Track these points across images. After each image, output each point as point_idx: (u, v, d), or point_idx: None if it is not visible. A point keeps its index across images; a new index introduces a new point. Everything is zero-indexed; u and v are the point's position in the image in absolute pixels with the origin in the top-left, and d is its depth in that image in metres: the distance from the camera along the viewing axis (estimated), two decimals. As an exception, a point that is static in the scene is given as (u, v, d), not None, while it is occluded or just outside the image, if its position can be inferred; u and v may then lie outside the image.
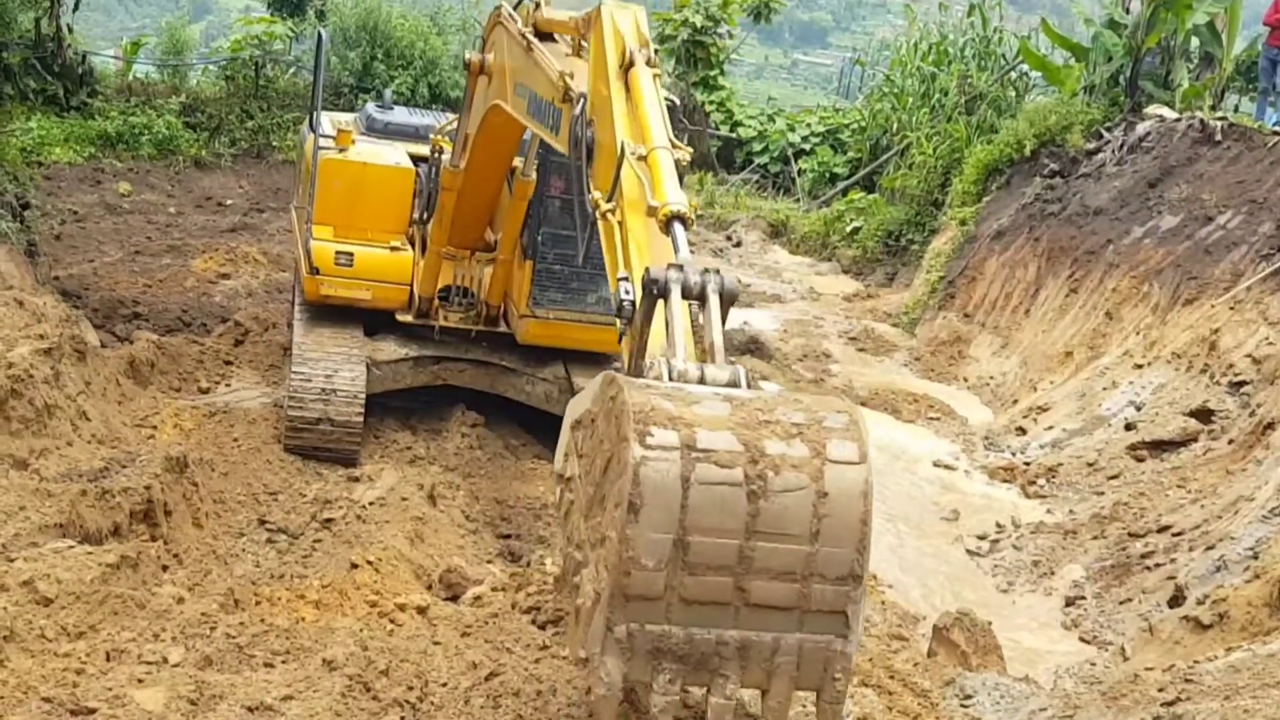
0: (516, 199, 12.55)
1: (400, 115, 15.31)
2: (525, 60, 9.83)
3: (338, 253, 13.05)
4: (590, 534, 5.83)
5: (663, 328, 6.39)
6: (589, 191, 7.97)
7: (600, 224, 7.54)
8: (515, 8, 10.73)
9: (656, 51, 8.14)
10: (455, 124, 13.02)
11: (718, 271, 6.45)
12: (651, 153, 7.25)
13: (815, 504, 5.51)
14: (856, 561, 5.64)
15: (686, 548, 5.44)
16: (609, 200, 7.37)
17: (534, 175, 12.43)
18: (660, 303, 6.38)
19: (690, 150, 7.70)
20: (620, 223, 7.26)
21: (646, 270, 6.42)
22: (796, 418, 5.67)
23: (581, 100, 8.27)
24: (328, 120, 14.64)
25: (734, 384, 6.05)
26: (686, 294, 6.36)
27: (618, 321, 6.88)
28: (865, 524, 5.62)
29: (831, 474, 5.54)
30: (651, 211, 6.97)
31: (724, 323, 6.36)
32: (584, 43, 9.29)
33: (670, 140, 7.37)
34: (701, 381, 6.01)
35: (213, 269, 19.97)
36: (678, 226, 6.86)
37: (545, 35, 10.13)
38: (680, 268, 6.37)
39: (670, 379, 5.99)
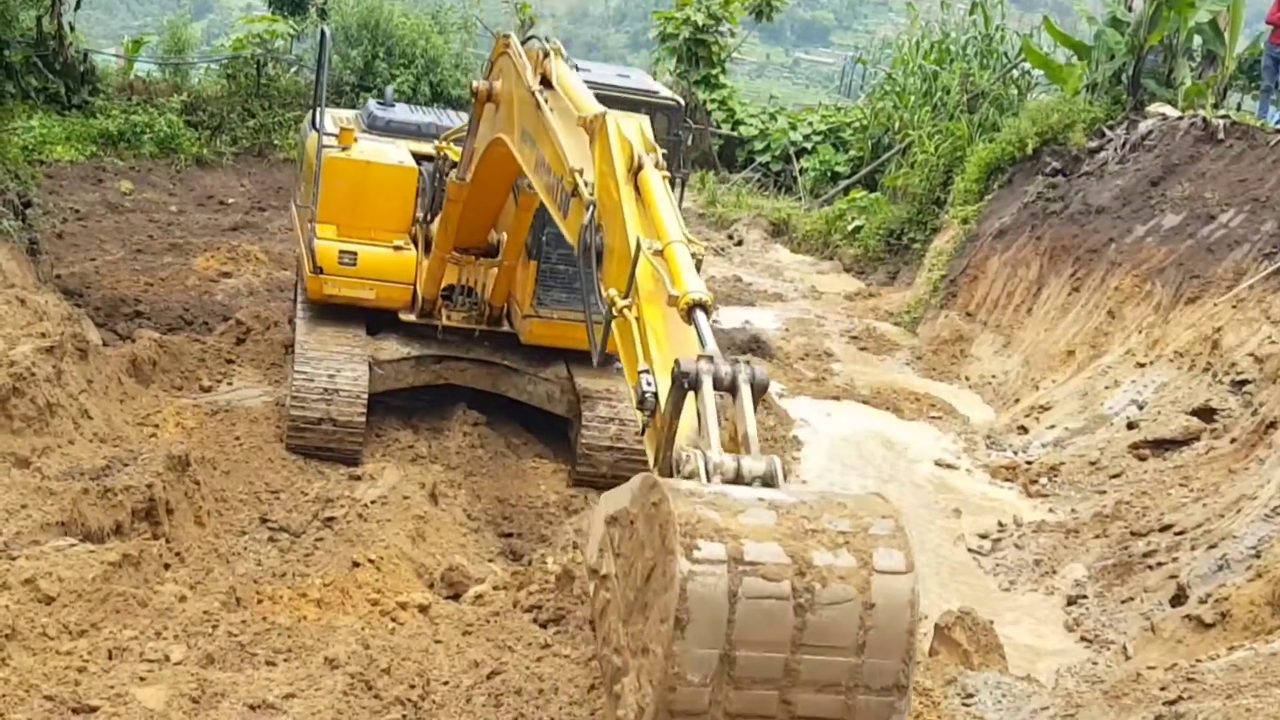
0: (522, 210, 12.50)
1: (402, 113, 15.29)
2: (535, 117, 9.54)
3: (341, 252, 13.02)
4: (631, 641, 5.76)
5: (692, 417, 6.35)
6: (598, 292, 7.87)
7: (616, 322, 7.44)
8: (524, 44, 10.50)
9: (665, 155, 8.09)
10: (459, 133, 12.95)
11: (749, 361, 6.47)
12: (668, 247, 7.15)
13: (862, 615, 5.42)
14: (902, 672, 5.53)
15: (733, 662, 5.34)
16: (625, 298, 7.28)
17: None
18: (690, 394, 6.32)
19: (703, 247, 7.62)
20: (638, 318, 7.18)
21: (677, 363, 6.34)
22: (843, 525, 5.56)
23: (592, 207, 8.09)
24: (329, 118, 14.62)
25: (770, 476, 6.02)
26: (718, 385, 6.31)
27: (639, 415, 6.82)
28: (912, 634, 5.53)
29: (878, 584, 5.45)
30: (672, 301, 6.88)
31: (755, 411, 6.32)
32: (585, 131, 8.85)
33: (685, 235, 7.27)
34: (738, 475, 5.97)
35: (214, 267, 19.96)
36: (700, 315, 6.81)
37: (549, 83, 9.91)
38: (710, 359, 6.36)
39: (707, 473, 5.93)
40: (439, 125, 14.68)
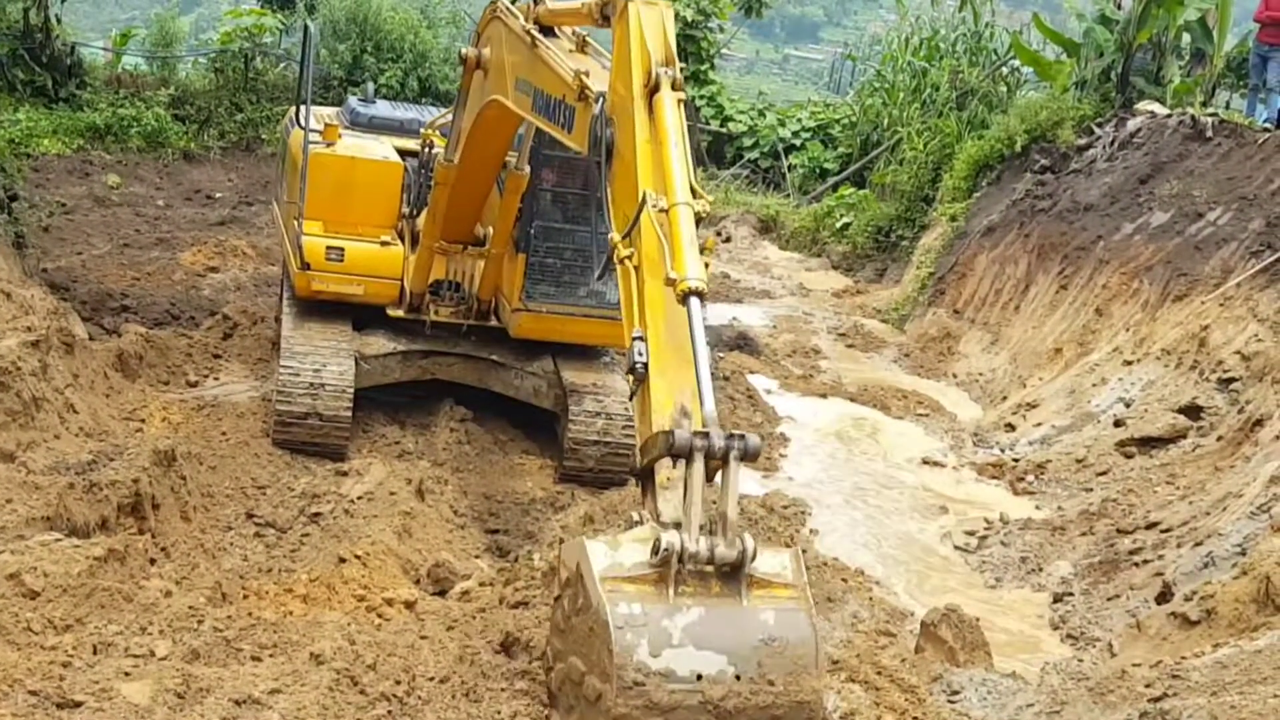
0: (509, 193, 12.51)
1: (384, 109, 15.26)
2: (529, 57, 9.78)
3: (329, 248, 12.98)
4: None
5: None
6: (606, 210, 8.04)
7: (619, 268, 7.62)
8: (513, 3, 10.69)
9: (682, 69, 8.09)
10: (445, 118, 12.98)
11: (743, 436, 6.68)
12: (673, 209, 7.27)
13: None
14: None
15: None
16: (627, 244, 7.45)
17: (527, 169, 12.39)
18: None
19: (710, 200, 7.71)
20: (640, 279, 7.44)
21: (671, 434, 6.69)
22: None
23: (600, 100, 8.25)
24: (311, 115, 14.60)
25: (740, 560, 6.65)
26: (710, 458, 6.63)
27: (629, 378, 7.31)
28: None
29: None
30: (670, 283, 7.09)
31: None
32: (597, 24, 9.16)
33: (693, 187, 7.39)
34: (710, 562, 6.63)
35: (201, 262, 19.93)
36: (694, 303, 6.98)
37: (547, 30, 10.09)
38: (706, 434, 6.61)
39: (681, 562, 6.57)
40: (421, 121, 14.69)
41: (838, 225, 29.26)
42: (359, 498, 11.27)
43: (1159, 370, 16.17)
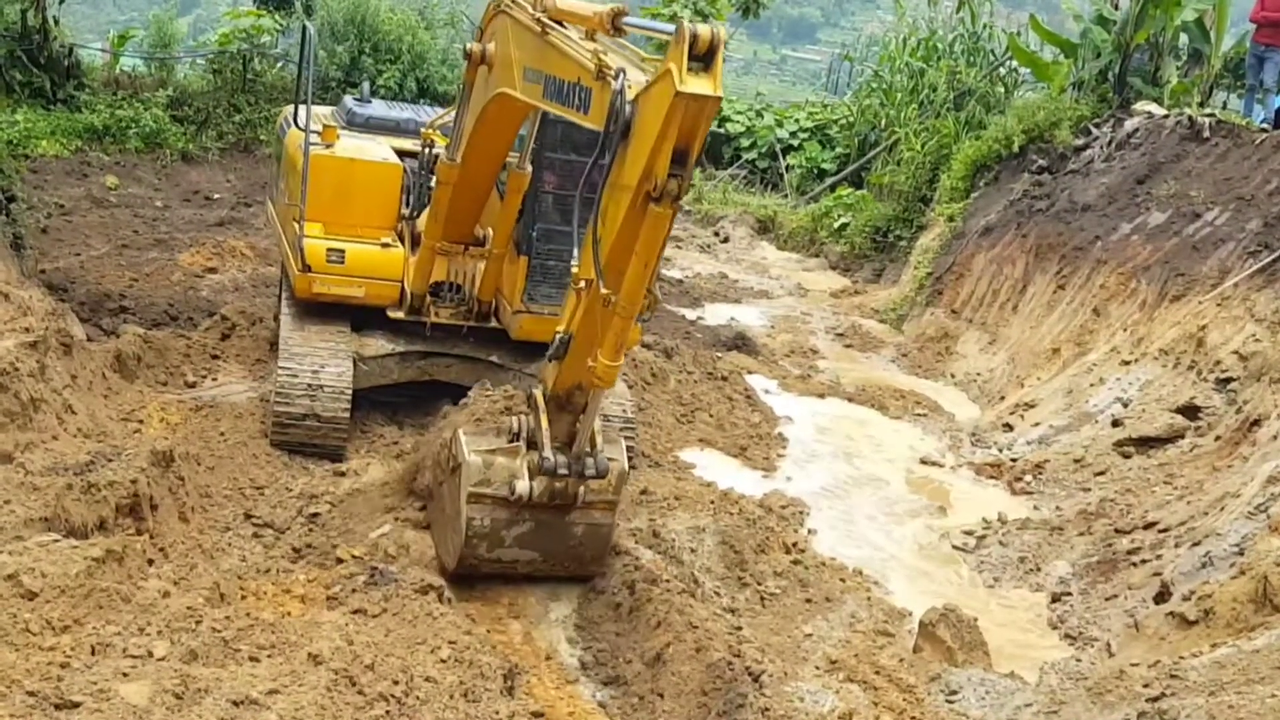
0: (511, 193, 12.49)
1: (379, 109, 15.24)
2: (538, 45, 9.85)
3: (329, 250, 12.96)
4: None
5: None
6: (606, 177, 8.49)
7: (591, 298, 8.83)
8: None
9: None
10: (446, 118, 12.98)
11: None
12: (617, 315, 8.66)
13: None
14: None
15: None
16: (603, 284, 8.61)
17: (529, 168, 12.38)
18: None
19: (658, 299, 9.10)
20: (584, 303, 8.94)
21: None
22: None
23: (621, 74, 8.32)
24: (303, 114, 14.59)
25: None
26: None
27: (552, 362, 9.50)
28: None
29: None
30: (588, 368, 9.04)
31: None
32: (608, 33, 9.40)
33: (653, 295, 8.78)
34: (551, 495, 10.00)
35: (199, 263, 19.92)
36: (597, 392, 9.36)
37: (555, 23, 10.14)
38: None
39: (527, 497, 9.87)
40: (417, 121, 14.68)
41: (835, 225, 29.26)
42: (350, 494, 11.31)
43: (1156, 370, 16.18)
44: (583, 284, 8.89)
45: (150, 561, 9.50)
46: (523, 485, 9.72)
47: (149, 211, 22.86)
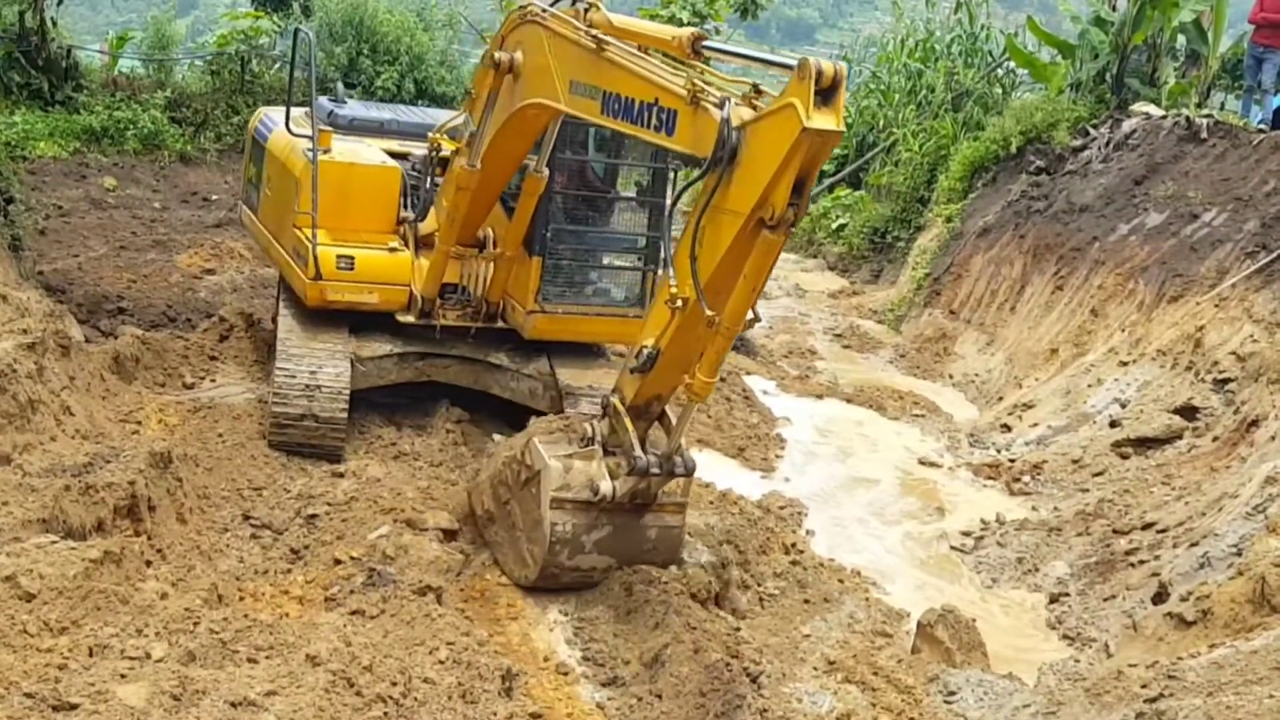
0: (526, 195, 12.46)
1: (360, 110, 15.16)
2: (591, 61, 9.93)
3: (339, 257, 12.87)
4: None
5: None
6: (706, 205, 8.75)
7: (688, 315, 9.15)
8: (553, 5, 10.81)
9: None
10: (454, 122, 12.92)
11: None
12: (721, 334, 9.06)
13: None
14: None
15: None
16: (687, 287, 8.96)
17: (546, 171, 12.38)
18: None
19: (761, 320, 9.59)
20: (680, 321, 9.23)
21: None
22: None
23: (727, 103, 8.59)
24: (279, 116, 14.54)
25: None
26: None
27: (637, 367, 9.73)
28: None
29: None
30: (686, 385, 9.45)
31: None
32: (687, 56, 9.59)
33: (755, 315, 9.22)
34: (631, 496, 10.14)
35: (198, 264, 19.92)
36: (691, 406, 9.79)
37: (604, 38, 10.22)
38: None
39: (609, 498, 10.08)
40: (399, 122, 14.66)
41: (834, 226, 29.27)
42: (355, 499, 11.29)
43: (1154, 371, 16.18)
44: (680, 302, 9.09)
45: (148, 563, 9.49)
46: (606, 485, 9.94)
47: (147, 213, 22.84)
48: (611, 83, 9.73)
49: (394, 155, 13.72)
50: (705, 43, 9.63)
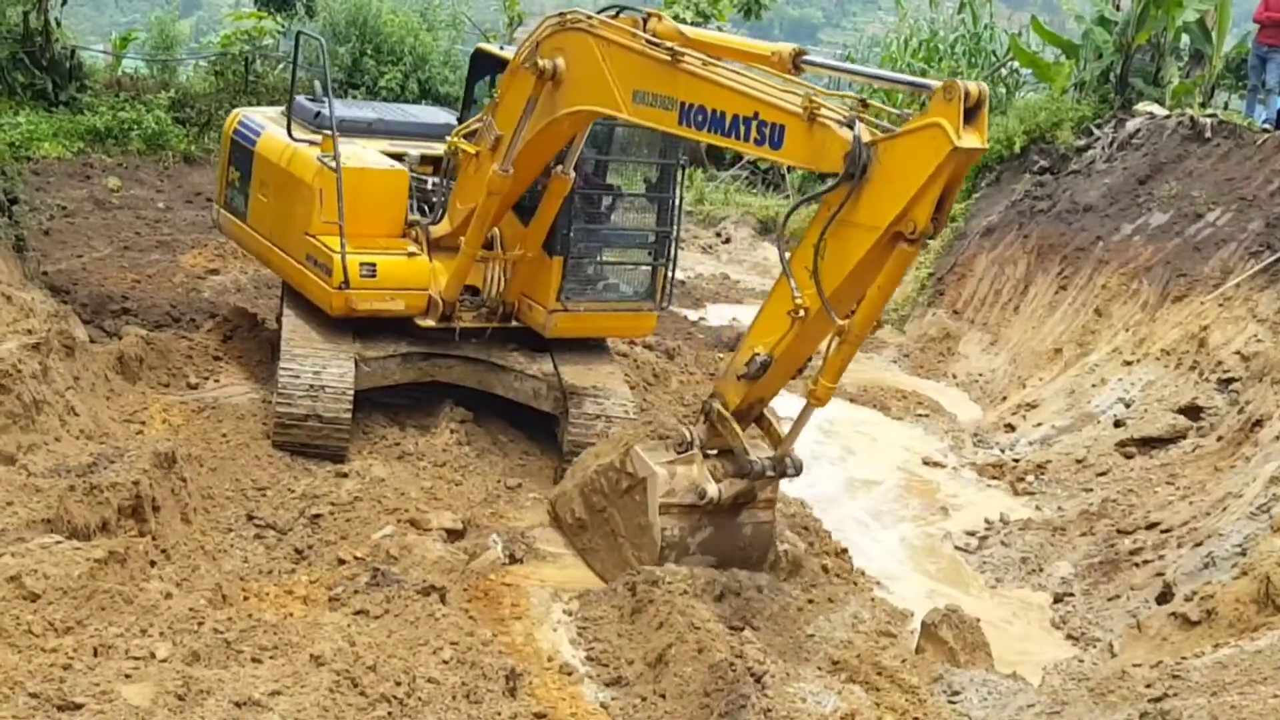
0: (552, 196, 12.48)
1: (347, 110, 15.02)
2: (665, 72, 10.05)
3: (361, 264, 12.74)
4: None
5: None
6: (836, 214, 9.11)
7: (807, 324, 9.52)
8: (600, 13, 10.99)
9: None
10: (473, 126, 12.86)
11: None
12: (848, 341, 9.48)
13: None
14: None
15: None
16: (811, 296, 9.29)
17: (573, 174, 12.39)
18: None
19: (880, 324, 9.34)
20: (799, 329, 9.60)
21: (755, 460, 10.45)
22: None
23: (856, 121, 8.89)
24: (258, 115, 14.44)
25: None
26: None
27: (748, 374, 10.15)
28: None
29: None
30: (810, 392, 9.88)
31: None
32: (788, 73, 9.88)
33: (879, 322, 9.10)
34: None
35: (202, 264, 19.91)
36: (809, 407, 10.19)
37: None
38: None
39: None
40: (385, 121, 14.60)
41: (837, 226, 29.17)
42: (359, 499, 11.30)
43: (1159, 370, 16.18)
44: (802, 312, 9.42)
45: (152, 563, 9.49)
46: (712, 488, 10.37)
47: (151, 213, 22.84)
48: (692, 94, 9.85)
49: (392, 156, 13.67)
50: (806, 58, 9.95)
